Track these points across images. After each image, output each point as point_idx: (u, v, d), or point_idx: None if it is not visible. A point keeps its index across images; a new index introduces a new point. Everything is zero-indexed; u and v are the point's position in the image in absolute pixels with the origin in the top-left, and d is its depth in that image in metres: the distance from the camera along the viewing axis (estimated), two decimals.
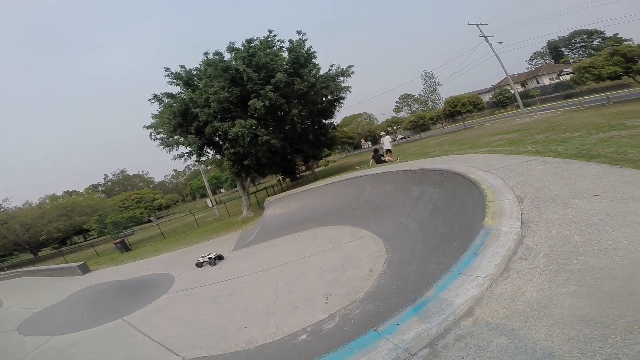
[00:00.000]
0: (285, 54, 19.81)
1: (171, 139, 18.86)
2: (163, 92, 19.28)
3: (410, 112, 79.83)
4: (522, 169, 5.98)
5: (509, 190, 4.87)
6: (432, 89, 79.50)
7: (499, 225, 3.89)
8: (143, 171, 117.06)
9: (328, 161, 47.40)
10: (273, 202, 14.60)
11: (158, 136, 19.33)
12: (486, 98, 55.41)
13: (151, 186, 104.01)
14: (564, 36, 69.48)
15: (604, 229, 3.12)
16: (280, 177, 28.62)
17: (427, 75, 79.28)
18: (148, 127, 19.82)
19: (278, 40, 19.93)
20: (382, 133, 19.83)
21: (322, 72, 21.30)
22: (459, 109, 34.69)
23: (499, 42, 33.08)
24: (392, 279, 5.32)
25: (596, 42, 61.70)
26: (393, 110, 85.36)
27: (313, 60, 20.40)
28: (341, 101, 23.32)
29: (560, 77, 51.48)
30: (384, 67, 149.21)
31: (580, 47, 66.83)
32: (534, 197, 4.40)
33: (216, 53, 17.92)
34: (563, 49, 71.05)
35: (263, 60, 17.35)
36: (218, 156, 20.65)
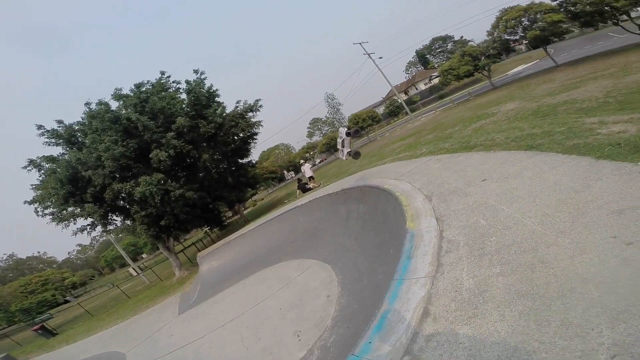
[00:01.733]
0: (184, 96, 18.61)
1: (64, 212, 15.82)
2: (41, 156, 16.10)
3: (321, 135, 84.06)
4: (423, 170, 6.76)
5: (418, 192, 5.39)
6: (335, 109, 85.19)
7: (420, 226, 4.24)
8: (39, 252, 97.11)
9: (255, 200, 46.33)
10: (206, 256, 13.72)
11: (46, 211, 16.02)
12: (380, 110, 62.19)
13: (55, 266, 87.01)
14: (426, 44, 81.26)
15: (500, 209, 3.63)
16: (207, 229, 26.70)
17: (329, 98, 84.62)
18: (30, 203, 16.19)
19: (173, 82, 18.66)
20: (302, 161, 20.42)
21: (229, 110, 20.77)
22: (361, 125, 38.21)
23: (379, 57, 37.81)
24: (351, 299, 5.42)
25: (449, 46, 75.25)
26: (306, 136, 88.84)
27: (217, 99, 19.66)
28: (255, 137, 22.90)
29: (431, 81, 59.90)
30: (291, 95, 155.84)
31: (439, 52, 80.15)
32: (439, 193, 4.94)
33: (100, 103, 15.70)
34: (428, 56, 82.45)
35: (158, 105, 15.83)
36: (128, 222, 17.98)
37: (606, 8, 18.37)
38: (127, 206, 16.89)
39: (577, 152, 4.08)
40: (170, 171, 16.78)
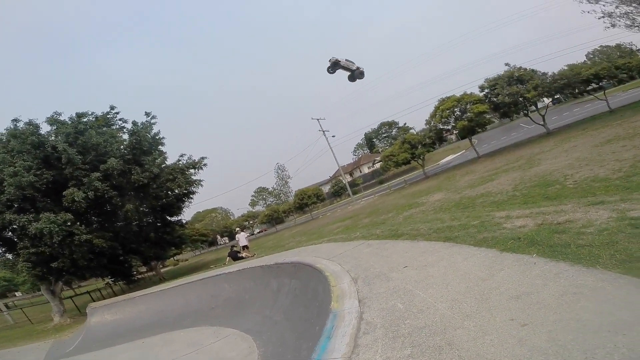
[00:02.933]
0: (126, 136, 17.60)
1: None
2: None
3: (265, 205, 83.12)
4: (354, 253, 7.07)
5: (346, 274, 5.57)
6: (283, 182, 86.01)
7: (343, 307, 4.29)
8: None
9: (178, 260, 41.97)
10: (101, 308, 12.67)
11: None
12: (326, 189, 64.81)
13: None
14: (374, 128, 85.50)
15: (416, 294, 3.82)
16: (110, 280, 22.92)
17: (280, 169, 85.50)
18: None
19: (120, 119, 17.72)
20: (237, 229, 19.50)
21: (170, 162, 19.77)
22: (306, 201, 38.92)
23: (332, 136, 40.96)
24: None
25: (394, 131, 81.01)
26: (249, 204, 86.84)
27: (160, 148, 18.75)
28: (191, 196, 21.64)
29: (374, 165, 62.99)
30: (241, 160, 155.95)
31: (385, 137, 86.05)
32: (365, 276, 5.13)
33: (30, 123, 14.27)
34: (375, 140, 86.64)
35: (94, 140, 14.60)
36: (9, 255, 15.61)
37: (520, 99, 22.60)
38: (15, 239, 14.50)
39: (486, 244, 4.54)
40: (83, 214, 15.08)
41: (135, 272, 21.25)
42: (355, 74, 18.16)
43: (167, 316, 10.86)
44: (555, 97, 26.83)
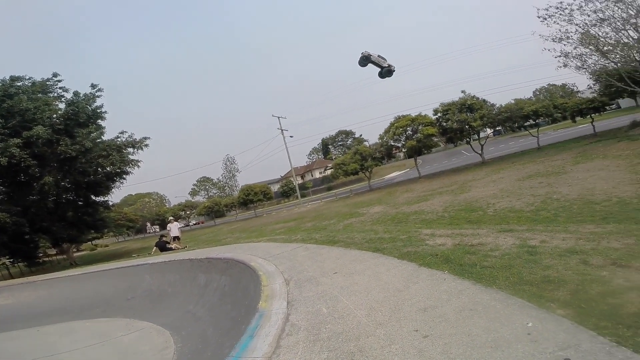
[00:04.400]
0: (62, 106, 16.15)
1: None
2: None
3: (207, 196, 79.41)
4: (291, 255, 7.15)
5: (280, 275, 5.62)
6: (231, 174, 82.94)
7: (271, 307, 4.31)
8: None
9: (96, 245, 38.17)
10: None
11: None
12: (275, 187, 64.14)
13: None
14: (332, 135, 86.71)
15: (340, 300, 3.98)
16: (8, 261, 19.97)
17: (229, 160, 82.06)
18: None
19: (60, 88, 16.17)
20: (171, 218, 18.36)
21: (107, 138, 18.26)
22: (252, 198, 38.03)
23: (290, 136, 40.59)
24: None
25: (350, 141, 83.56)
26: (189, 193, 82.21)
27: (99, 122, 17.31)
28: (125, 176, 20.03)
29: (326, 171, 60.57)
30: (189, 145, 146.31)
31: (340, 145, 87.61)
32: (297, 279, 5.23)
33: None
34: (330, 146, 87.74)
35: (23, 105, 13.37)
36: None
37: (466, 126, 24.48)
38: None
39: (408, 258, 4.89)
40: None
41: (41, 254, 18.93)
42: (384, 72, 17.49)
43: (73, 304, 9.91)
44: (497, 128, 29.58)
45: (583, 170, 12.24)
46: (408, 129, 27.28)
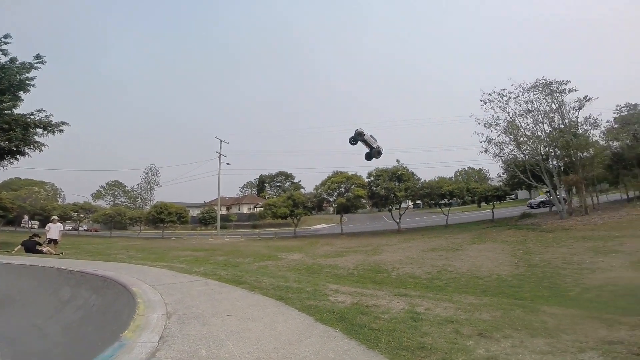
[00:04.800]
0: None
1: None
2: None
3: (112, 203, 70.03)
4: (185, 287, 6.55)
5: (163, 306, 5.09)
6: (149, 186, 75.32)
7: (138, 339, 3.83)
8: None
9: None
10: None
11: None
12: (195, 212, 59.79)
13: None
14: (272, 173, 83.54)
15: (225, 344, 3.67)
16: None
17: (152, 171, 74.80)
18: None
19: (1, 49, 14.38)
20: (54, 218, 15.57)
21: (18, 111, 15.99)
22: (164, 217, 34.59)
23: (227, 163, 38.35)
24: None
25: (288, 184, 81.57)
26: (92, 195, 71.53)
27: (20, 93, 15.42)
28: (16, 157, 17.34)
29: (255, 208, 58.96)
30: (117, 142, 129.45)
31: (278, 186, 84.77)
32: (183, 314, 4.75)
33: None
34: (267, 184, 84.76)
35: None
36: None
37: (392, 195, 26.02)
38: None
39: (308, 311, 4.81)
40: None
41: None
42: (373, 152, 18.02)
43: None
44: (417, 201, 32.49)
45: (476, 249, 14.11)
46: (342, 186, 28.73)
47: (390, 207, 28.18)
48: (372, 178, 27.94)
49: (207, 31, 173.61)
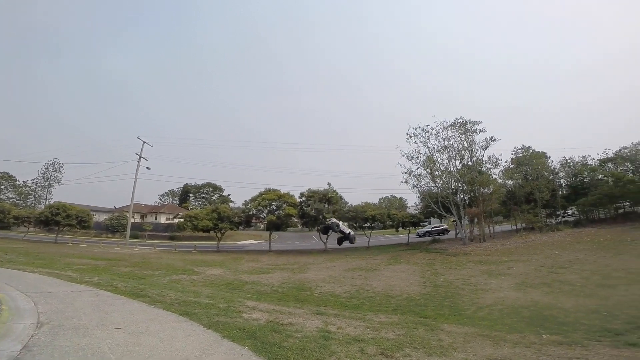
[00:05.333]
0: None
1: None
2: None
3: None
4: (69, 297, 5.74)
5: (35, 315, 4.51)
6: (47, 183, 63.53)
7: None
8: None
9: None
10: None
11: None
12: (102, 217, 52.16)
13: None
14: (198, 184, 75.33)
15: (107, 357, 3.32)
16: None
17: (53, 166, 63.34)
18: None
19: None
20: None
21: None
22: (60, 219, 29.45)
23: (147, 167, 34.13)
24: None
25: (215, 197, 75.64)
26: None
27: None
28: None
29: (175, 219, 56.42)
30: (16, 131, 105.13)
31: (204, 197, 79.00)
32: (59, 324, 4.20)
33: None
34: (192, 195, 76.58)
35: None
36: None
37: (321, 216, 26.04)
38: None
39: (215, 327, 4.45)
40: None
41: None
42: (350, 238, 19.70)
43: None
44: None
45: (391, 270, 14.93)
46: (273, 203, 28.20)
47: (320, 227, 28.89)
48: (303, 198, 28.29)
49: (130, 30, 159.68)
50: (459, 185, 24.81)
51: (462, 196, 24.79)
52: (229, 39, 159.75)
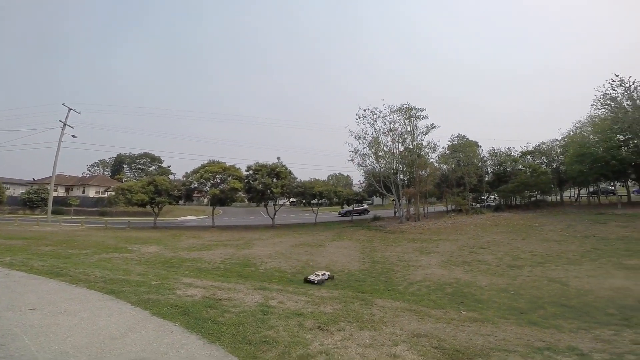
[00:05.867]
0: None
1: None
2: None
3: None
4: None
5: None
6: None
7: None
8: None
9: None
10: None
11: None
12: (18, 191, 45.52)
13: None
14: (134, 154, 67.58)
15: (19, 338, 3.11)
16: None
17: None
18: None
19: None
20: None
21: None
22: None
23: (73, 136, 30.25)
24: None
25: (153, 168, 67.77)
26: None
27: None
28: None
29: (106, 192, 48.35)
30: None
31: (140, 168, 70.07)
32: None
33: None
34: (126, 166, 69.18)
35: None
36: None
37: (269, 191, 25.76)
38: None
39: (143, 305, 4.28)
40: None
41: None
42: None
43: None
44: (294, 200, 33.54)
45: (335, 246, 15.55)
46: (218, 176, 26.88)
47: (267, 202, 28.53)
48: (250, 172, 27.35)
49: None
50: (400, 166, 26.34)
51: (401, 177, 26.46)
52: None
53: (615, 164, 21.64)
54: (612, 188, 28.85)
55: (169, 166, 63.82)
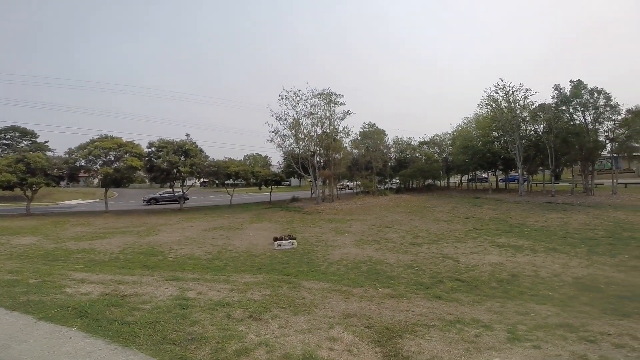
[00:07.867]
0: None
1: None
2: None
3: None
4: None
5: None
6: None
7: None
8: None
9: None
10: None
11: None
12: None
13: None
14: None
15: None
16: None
17: None
18: None
19: None
20: None
21: None
22: None
23: None
24: None
25: (25, 143, 52.86)
26: None
27: None
28: None
29: None
30: None
31: (7, 144, 54.65)
32: None
33: None
34: None
35: None
36: None
37: (175, 170, 23.06)
38: None
39: (23, 309, 3.46)
40: None
41: None
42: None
43: None
44: (205, 180, 31.02)
45: (254, 228, 15.18)
46: (111, 153, 23.04)
47: (173, 183, 25.98)
48: (153, 149, 24.20)
49: None
50: (317, 149, 27.14)
51: (318, 159, 27.36)
52: None
53: (489, 156, 26.38)
54: (485, 176, 35.13)
55: (46, 142, 51.40)
